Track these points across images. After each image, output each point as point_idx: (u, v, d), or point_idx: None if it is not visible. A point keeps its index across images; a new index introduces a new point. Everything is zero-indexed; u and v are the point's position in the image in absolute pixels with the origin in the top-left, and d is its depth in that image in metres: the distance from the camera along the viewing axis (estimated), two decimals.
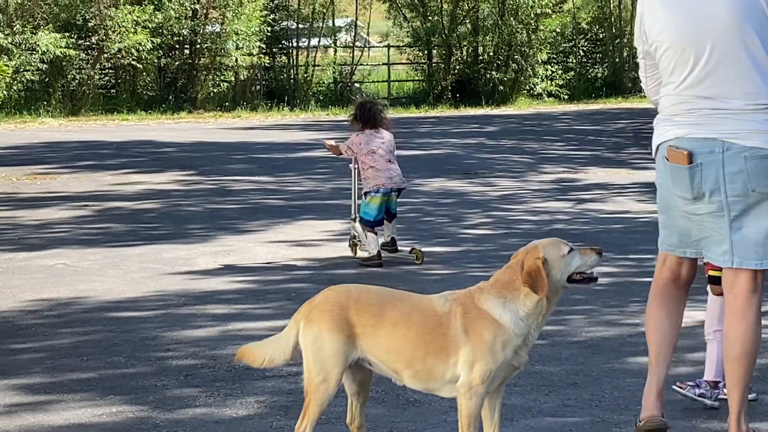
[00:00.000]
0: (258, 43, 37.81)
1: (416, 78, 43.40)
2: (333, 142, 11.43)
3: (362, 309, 4.98)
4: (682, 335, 7.27)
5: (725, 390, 5.49)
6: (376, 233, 10.66)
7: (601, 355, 7.15)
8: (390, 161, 10.75)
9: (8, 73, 17.70)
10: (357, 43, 42.97)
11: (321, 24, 41.58)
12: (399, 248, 10.86)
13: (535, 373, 6.62)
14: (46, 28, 33.69)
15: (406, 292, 5.32)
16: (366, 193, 10.77)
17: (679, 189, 5.23)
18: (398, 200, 10.98)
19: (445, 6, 41.36)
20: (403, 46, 43.96)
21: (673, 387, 6.01)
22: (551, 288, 4.90)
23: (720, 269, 5.42)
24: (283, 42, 41.31)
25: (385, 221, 10.79)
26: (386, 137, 10.88)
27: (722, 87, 5.14)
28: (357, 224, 10.79)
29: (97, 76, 36.21)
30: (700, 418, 5.87)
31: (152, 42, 35.10)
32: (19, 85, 33.21)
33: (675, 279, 5.49)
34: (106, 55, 35.67)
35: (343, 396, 5.28)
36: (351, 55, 42.21)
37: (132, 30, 34.67)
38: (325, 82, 40.90)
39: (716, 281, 5.69)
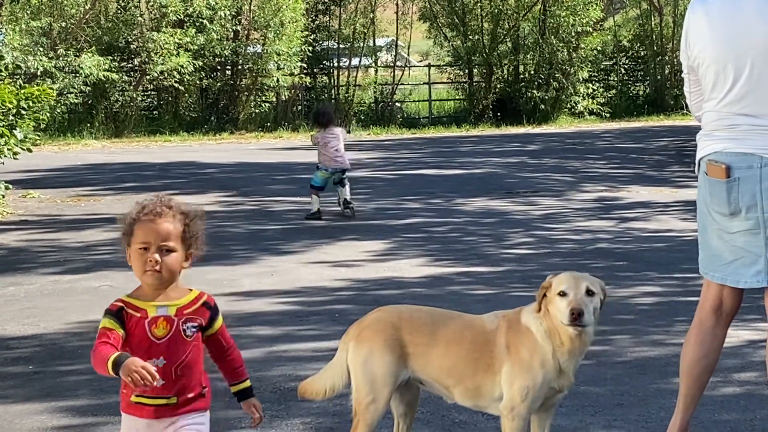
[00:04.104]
0: (299, 64, 37.96)
1: (457, 97, 43.42)
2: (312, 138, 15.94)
3: (415, 329, 5.00)
4: (730, 355, 7.26)
5: None
6: (318, 195, 15.22)
7: (647, 376, 7.11)
8: (337, 150, 15.21)
9: (52, 96, 17.78)
10: (398, 63, 43.06)
11: (362, 44, 41.67)
12: (348, 207, 15.41)
13: (581, 394, 6.59)
14: (89, 51, 34.01)
15: (456, 312, 5.33)
16: (318, 167, 15.45)
17: (717, 204, 5.22)
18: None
19: (485, 25, 41.35)
20: (443, 65, 44.00)
21: None
22: (552, 319, 4.84)
23: None
24: (324, 62, 41.47)
25: (339, 188, 15.47)
26: (336, 132, 15.44)
27: (762, 105, 5.12)
28: (343, 188, 15.39)
29: (139, 98, 36.48)
30: None
31: (194, 64, 35.30)
32: (63, 107, 33.52)
33: (717, 308, 5.42)
34: (148, 77, 35.93)
35: (389, 417, 5.28)
36: (392, 74, 42.29)
37: (174, 52, 34.90)
38: (366, 101, 40.98)
39: None
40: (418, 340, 4.98)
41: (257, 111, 38.06)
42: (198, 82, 36.84)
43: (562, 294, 4.80)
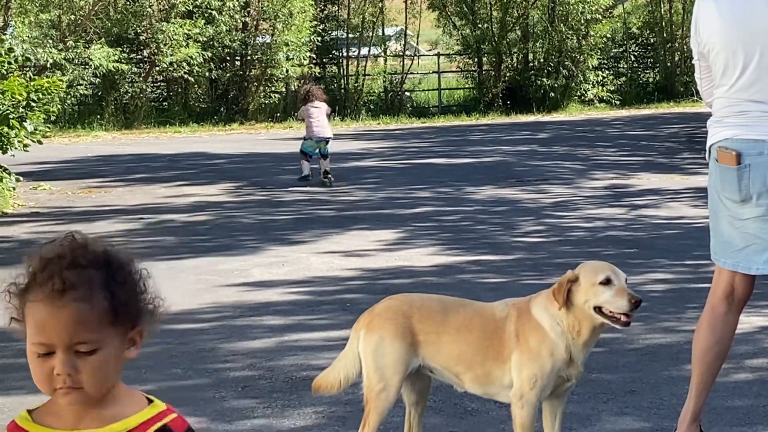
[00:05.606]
0: (308, 54, 37.92)
1: (467, 86, 43.33)
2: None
3: (426, 316, 5.00)
4: (742, 341, 7.25)
5: None
6: (308, 161, 17.95)
7: (659, 363, 7.10)
8: (318, 120, 17.76)
9: (62, 88, 17.78)
10: (407, 52, 42.97)
11: (371, 33, 41.61)
12: (327, 177, 17.84)
13: (593, 381, 6.59)
14: (98, 42, 34.00)
15: (467, 299, 5.33)
16: (305, 137, 18.06)
17: (728, 191, 5.21)
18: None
19: (494, 13, 41.25)
20: (453, 54, 43.90)
21: None
22: (577, 310, 4.84)
23: None
24: (333, 52, 41.41)
25: (321, 160, 17.93)
26: (319, 106, 17.86)
27: None
28: (324, 160, 17.93)
29: (149, 90, 36.46)
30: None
31: (203, 55, 35.30)
32: (73, 99, 33.52)
33: (729, 295, 5.40)
34: (157, 69, 35.92)
35: (401, 406, 5.28)
36: (401, 63, 42.21)
37: (183, 43, 34.90)
38: (376, 91, 40.92)
39: None
40: (429, 327, 4.98)
41: (267, 101, 37.99)
42: (207, 73, 36.80)
43: (607, 282, 4.79)
